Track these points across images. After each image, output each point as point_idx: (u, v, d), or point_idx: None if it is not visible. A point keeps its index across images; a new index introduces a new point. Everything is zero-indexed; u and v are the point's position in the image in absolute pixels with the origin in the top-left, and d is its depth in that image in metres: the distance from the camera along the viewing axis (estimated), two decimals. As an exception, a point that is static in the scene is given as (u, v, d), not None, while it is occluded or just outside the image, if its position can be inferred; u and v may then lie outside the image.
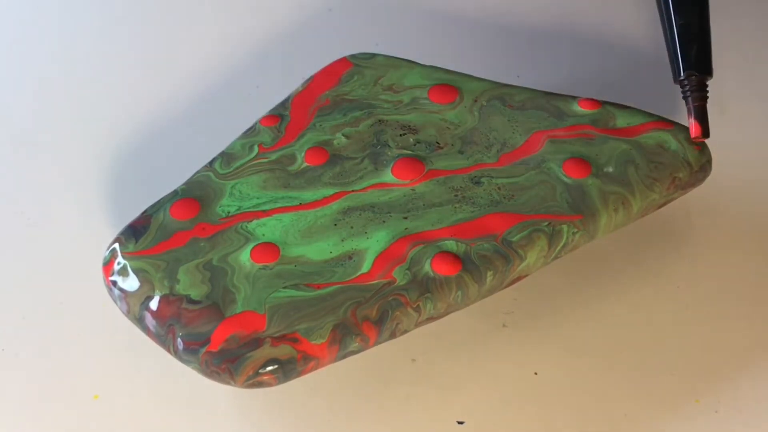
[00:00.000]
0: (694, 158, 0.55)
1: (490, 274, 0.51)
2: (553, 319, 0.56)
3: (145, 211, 0.53)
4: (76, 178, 0.63)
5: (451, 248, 0.51)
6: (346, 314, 0.49)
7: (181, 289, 0.50)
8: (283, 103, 0.58)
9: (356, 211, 0.53)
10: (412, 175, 0.54)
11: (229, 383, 0.48)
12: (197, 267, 0.51)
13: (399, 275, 0.50)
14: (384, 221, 0.52)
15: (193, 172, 0.55)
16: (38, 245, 0.60)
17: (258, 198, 0.53)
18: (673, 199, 0.55)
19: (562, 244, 0.52)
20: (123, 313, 0.51)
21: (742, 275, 0.58)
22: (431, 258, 0.51)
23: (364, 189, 0.54)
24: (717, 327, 0.56)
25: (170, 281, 0.50)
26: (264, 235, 0.52)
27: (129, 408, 0.53)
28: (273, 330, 0.48)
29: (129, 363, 0.55)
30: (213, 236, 0.52)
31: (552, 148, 0.55)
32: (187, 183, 0.54)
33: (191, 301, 0.49)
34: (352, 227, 0.52)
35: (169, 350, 0.49)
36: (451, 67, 0.61)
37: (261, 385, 0.48)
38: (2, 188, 0.63)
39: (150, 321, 0.49)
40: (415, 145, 0.56)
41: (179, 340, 0.49)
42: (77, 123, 0.66)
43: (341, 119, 0.57)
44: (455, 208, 0.53)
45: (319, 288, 0.50)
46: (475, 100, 0.57)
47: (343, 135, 0.56)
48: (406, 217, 0.52)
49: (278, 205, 0.53)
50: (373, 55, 0.60)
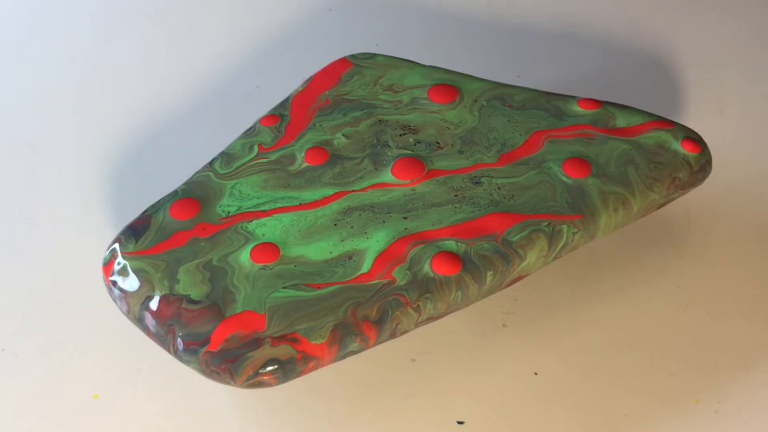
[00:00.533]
0: (694, 158, 0.55)
1: (490, 274, 0.51)
2: (553, 319, 0.56)
3: (145, 211, 0.53)
4: (76, 178, 0.63)
5: (451, 248, 0.51)
6: (346, 314, 0.49)
7: (181, 289, 0.50)
8: (283, 103, 0.58)
9: (356, 211, 0.53)
10: (412, 175, 0.54)
11: (229, 383, 0.48)
12: (197, 267, 0.51)
13: (399, 275, 0.50)
14: (384, 221, 0.52)
15: (193, 172, 0.55)
16: (38, 245, 0.60)
17: (258, 198, 0.53)
18: (673, 199, 0.55)
19: (562, 244, 0.52)
20: (123, 313, 0.51)
21: (742, 275, 0.58)
22: (431, 258, 0.50)
23: (364, 189, 0.54)
24: (717, 327, 0.56)
25: (170, 281, 0.50)
26: (264, 235, 0.52)
27: (129, 408, 0.53)
28: (273, 330, 0.48)
29: (129, 363, 0.55)
30: (213, 236, 0.52)
31: (552, 148, 0.55)
32: (187, 183, 0.54)
33: (191, 301, 0.49)
34: (352, 227, 0.52)
35: (169, 350, 0.49)
36: (451, 67, 0.61)
37: (261, 385, 0.48)
38: (2, 188, 0.63)
39: (150, 321, 0.49)
40: (415, 145, 0.56)
41: (179, 340, 0.49)
42: (77, 123, 0.66)
43: (341, 119, 0.57)
44: (455, 208, 0.53)
45: (319, 288, 0.50)
46: (475, 100, 0.57)
47: (343, 135, 0.56)
48: (406, 217, 0.52)
49: (278, 205, 0.53)
50: (373, 55, 0.60)
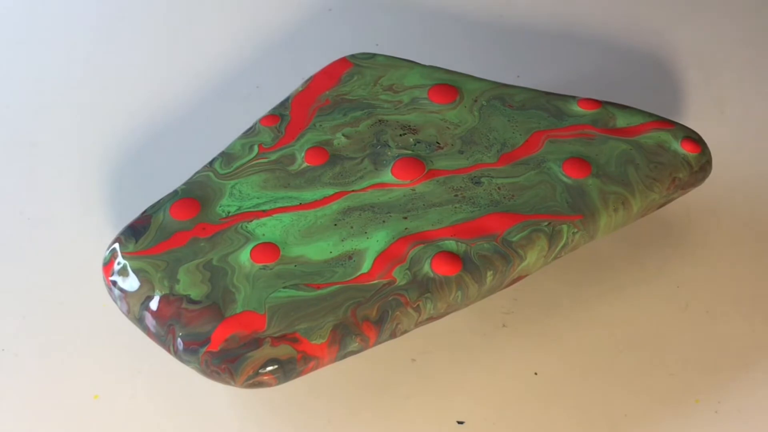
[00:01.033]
0: (694, 158, 0.55)
1: (490, 274, 0.51)
2: (553, 319, 0.56)
3: (145, 211, 0.53)
4: (76, 178, 0.63)
5: (451, 248, 0.51)
6: (346, 314, 0.49)
7: (181, 289, 0.50)
8: (283, 103, 0.58)
9: (356, 211, 0.53)
10: (412, 175, 0.54)
11: (229, 383, 0.48)
12: (197, 267, 0.51)
13: (399, 275, 0.50)
14: (384, 221, 0.52)
15: (193, 172, 0.55)
16: (38, 245, 0.60)
17: (258, 198, 0.53)
18: (673, 199, 0.55)
19: (562, 244, 0.52)
20: (123, 313, 0.51)
21: (742, 275, 0.58)
22: (431, 258, 0.50)
23: (364, 189, 0.54)
24: (717, 327, 0.56)
25: (170, 281, 0.50)
26: (264, 235, 0.52)
27: (129, 408, 0.53)
28: (273, 330, 0.48)
29: (129, 363, 0.55)
30: (213, 236, 0.52)
31: (552, 148, 0.55)
32: (187, 183, 0.54)
33: (191, 301, 0.49)
34: (352, 227, 0.52)
35: (169, 350, 0.49)
36: (451, 67, 0.61)
37: (261, 385, 0.48)
38: (2, 188, 0.63)
39: (150, 321, 0.49)
40: (415, 145, 0.56)
41: (179, 340, 0.49)
42: (77, 123, 0.66)
43: (341, 119, 0.57)
44: (455, 208, 0.53)
45: (319, 288, 0.50)
46: (475, 100, 0.57)
47: (343, 135, 0.56)
48: (406, 217, 0.52)
49: (278, 205, 0.53)
50: (373, 55, 0.60)
